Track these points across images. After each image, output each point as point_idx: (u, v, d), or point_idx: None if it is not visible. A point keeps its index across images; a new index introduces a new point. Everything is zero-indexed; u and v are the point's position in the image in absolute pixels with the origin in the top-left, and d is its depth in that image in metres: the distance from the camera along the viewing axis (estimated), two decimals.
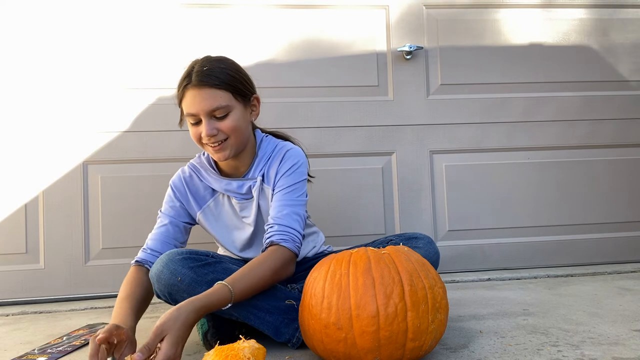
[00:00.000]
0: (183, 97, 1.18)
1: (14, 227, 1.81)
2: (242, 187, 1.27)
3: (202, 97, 1.14)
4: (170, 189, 1.33)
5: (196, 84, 1.14)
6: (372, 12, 2.04)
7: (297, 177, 1.24)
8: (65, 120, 1.86)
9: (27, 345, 1.27)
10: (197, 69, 1.16)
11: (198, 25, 1.93)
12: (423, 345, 0.90)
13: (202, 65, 1.17)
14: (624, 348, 1.02)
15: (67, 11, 1.87)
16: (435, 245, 1.30)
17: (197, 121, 1.17)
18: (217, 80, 1.15)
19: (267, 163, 1.28)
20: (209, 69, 1.15)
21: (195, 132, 1.19)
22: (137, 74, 1.90)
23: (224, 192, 1.29)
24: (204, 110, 1.15)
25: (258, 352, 0.89)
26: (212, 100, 1.14)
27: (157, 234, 1.28)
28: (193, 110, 1.15)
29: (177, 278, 1.06)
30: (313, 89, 1.99)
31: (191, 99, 1.15)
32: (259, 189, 1.27)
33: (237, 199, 1.29)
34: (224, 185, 1.28)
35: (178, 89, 1.19)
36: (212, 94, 1.14)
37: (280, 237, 1.15)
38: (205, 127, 1.15)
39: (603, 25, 2.15)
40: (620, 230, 2.11)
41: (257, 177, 1.27)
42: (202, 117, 1.16)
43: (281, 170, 1.24)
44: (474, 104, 2.07)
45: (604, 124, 2.13)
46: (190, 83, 1.15)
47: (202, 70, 1.15)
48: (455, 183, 2.05)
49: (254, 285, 1.07)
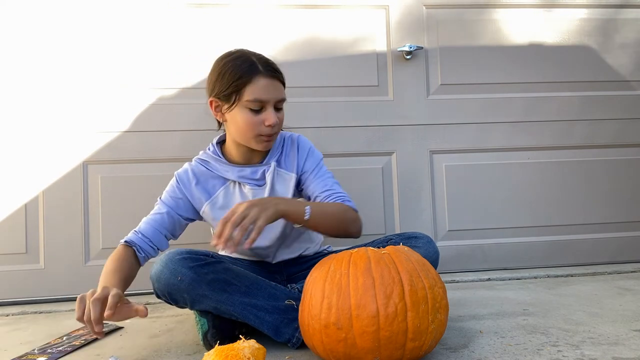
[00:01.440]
0: (249, 83, 1.18)
1: (14, 227, 1.81)
2: (255, 172, 1.29)
3: (275, 87, 1.21)
4: (175, 180, 1.32)
5: (268, 74, 1.20)
6: (372, 12, 2.04)
7: (318, 155, 1.36)
8: (65, 120, 1.86)
9: (27, 345, 1.27)
10: (262, 60, 1.21)
11: (197, 25, 1.93)
12: (423, 345, 0.90)
13: (263, 58, 1.23)
14: (624, 348, 1.02)
15: (67, 11, 1.87)
16: (435, 244, 1.30)
17: (260, 108, 1.20)
18: (282, 77, 1.25)
19: (281, 151, 1.34)
20: (273, 64, 1.23)
21: (255, 120, 1.20)
22: (137, 74, 1.90)
23: (236, 180, 1.29)
24: (275, 98, 1.21)
25: (258, 352, 0.89)
26: (281, 92, 1.23)
27: (151, 220, 1.29)
28: (265, 97, 1.19)
29: (178, 277, 1.06)
30: (313, 89, 1.99)
31: (264, 86, 1.19)
32: (273, 173, 1.29)
33: (250, 185, 1.29)
34: (237, 172, 1.29)
35: (238, 75, 1.18)
36: (280, 87, 1.23)
37: (343, 200, 1.25)
38: (272, 114, 1.20)
39: (603, 25, 2.15)
40: (620, 230, 2.11)
41: (272, 163, 1.30)
42: (269, 105, 1.20)
43: (302, 155, 1.34)
44: (474, 104, 2.07)
45: (604, 124, 2.13)
46: (261, 72, 1.19)
47: (269, 63, 1.22)
48: (455, 183, 2.05)
49: (328, 215, 1.16)
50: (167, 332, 1.35)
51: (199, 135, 1.91)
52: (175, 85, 1.92)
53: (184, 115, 1.91)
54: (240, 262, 1.33)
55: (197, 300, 1.08)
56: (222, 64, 1.23)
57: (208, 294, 1.07)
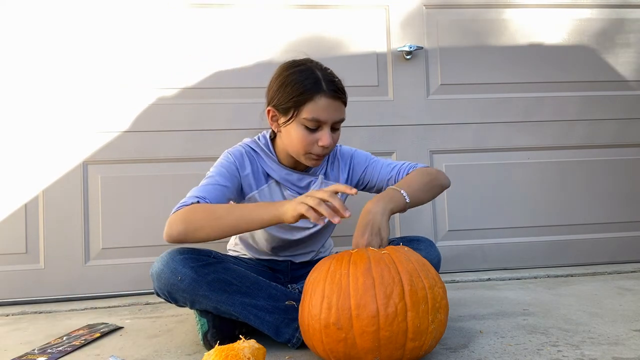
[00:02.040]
0: (310, 101, 1.14)
1: (14, 227, 1.81)
2: (302, 180, 1.29)
3: (335, 108, 1.18)
4: (232, 158, 1.25)
5: (331, 95, 1.16)
6: (372, 12, 2.04)
7: (364, 154, 1.39)
8: (65, 120, 1.86)
9: (27, 345, 1.27)
10: (326, 79, 1.17)
11: (197, 25, 1.93)
12: (423, 346, 0.90)
13: (328, 75, 1.18)
14: (624, 348, 1.02)
15: (67, 10, 1.87)
16: (437, 248, 1.29)
17: (316, 127, 1.17)
18: (344, 97, 1.21)
19: (328, 162, 1.35)
20: (338, 82, 1.19)
21: (310, 139, 1.17)
22: (137, 74, 1.90)
23: (280, 181, 1.28)
24: (334, 120, 1.18)
25: (258, 352, 0.89)
26: (341, 113, 1.20)
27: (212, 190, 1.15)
28: (324, 118, 1.16)
29: (178, 277, 1.06)
30: None
31: (325, 106, 1.15)
32: (319, 186, 1.30)
33: (290, 191, 1.29)
34: (284, 174, 1.28)
35: (301, 91, 1.14)
36: (341, 108, 1.20)
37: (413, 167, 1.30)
38: (327, 136, 1.17)
39: (603, 25, 2.15)
40: (620, 230, 2.11)
41: (319, 175, 1.31)
42: (327, 126, 1.17)
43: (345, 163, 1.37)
44: (474, 104, 2.07)
45: (604, 124, 2.13)
46: (324, 91, 1.15)
47: (335, 82, 1.18)
48: (455, 183, 2.05)
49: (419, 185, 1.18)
50: (167, 332, 1.35)
51: (199, 135, 1.91)
52: (176, 85, 1.92)
53: (184, 115, 1.91)
54: (243, 261, 1.33)
55: (197, 300, 1.08)
56: (286, 74, 1.18)
57: (208, 294, 1.07)
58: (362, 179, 1.37)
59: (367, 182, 1.37)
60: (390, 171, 1.33)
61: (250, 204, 1.08)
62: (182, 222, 1.04)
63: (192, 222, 1.04)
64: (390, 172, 1.33)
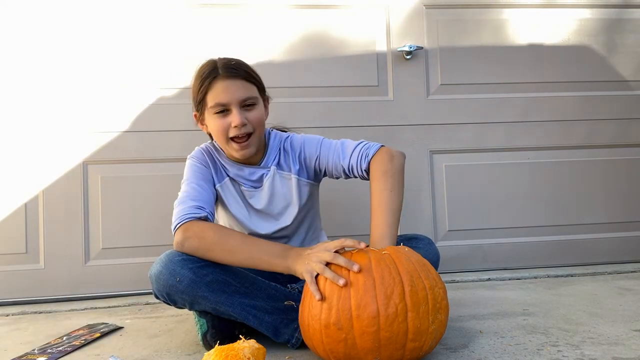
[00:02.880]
0: (209, 89, 1.18)
1: (14, 227, 1.81)
2: (253, 174, 1.30)
3: (236, 87, 1.18)
4: (194, 161, 1.28)
5: (227, 75, 1.18)
6: (372, 12, 2.03)
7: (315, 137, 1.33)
8: (65, 120, 1.85)
9: (27, 345, 1.27)
10: (222, 63, 1.20)
11: (197, 25, 1.93)
12: (423, 346, 0.90)
13: (226, 60, 1.21)
14: (624, 348, 1.02)
15: (68, 10, 1.87)
16: (435, 246, 1.29)
17: (225, 111, 1.19)
18: (245, 73, 1.20)
19: (280, 153, 1.33)
20: (236, 63, 1.21)
21: (222, 124, 1.19)
22: (137, 74, 1.90)
23: (233, 177, 1.30)
24: (237, 99, 1.18)
25: (258, 352, 0.89)
26: (245, 90, 1.19)
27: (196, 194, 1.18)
28: (225, 100, 1.17)
29: (176, 279, 1.06)
30: (313, 89, 1.99)
31: (223, 88, 1.17)
32: (273, 177, 1.30)
33: (246, 187, 1.30)
34: (236, 171, 1.30)
35: (201, 83, 1.19)
36: (243, 85, 1.19)
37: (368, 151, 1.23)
38: (236, 115, 1.17)
39: (603, 25, 2.15)
40: (620, 230, 2.11)
41: (271, 167, 1.30)
42: (233, 106, 1.18)
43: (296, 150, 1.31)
44: (474, 104, 2.07)
45: (604, 124, 2.13)
46: (219, 75, 1.18)
47: (230, 64, 1.20)
48: (455, 183, 2.05)
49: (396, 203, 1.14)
50: (167, 332, 1.35)
51: (199, 135, 1.90)
52: (176, 85, 1.92)
53: (184, 115, 1.90)
54: None
55: (196, 301, 1.08)
56: (195, 75, 1.24)
57: (207, 295, 1.07)
58: (317, 164, 1.31)
59: (324, 167, 1.31)
60: (348, 157, 1.25)
61: (262, 243, 1.08)
62: (197, 239, 1.08)
63: (205, 243, 1.08)
64: (350, 160, 1.25)
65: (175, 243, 1.10)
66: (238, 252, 1.07)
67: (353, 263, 0.92)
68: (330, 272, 0.92)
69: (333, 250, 0.96)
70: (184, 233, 1.09)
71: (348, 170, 1.27)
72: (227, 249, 1.07)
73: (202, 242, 1.08)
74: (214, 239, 1.08)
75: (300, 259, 1.00)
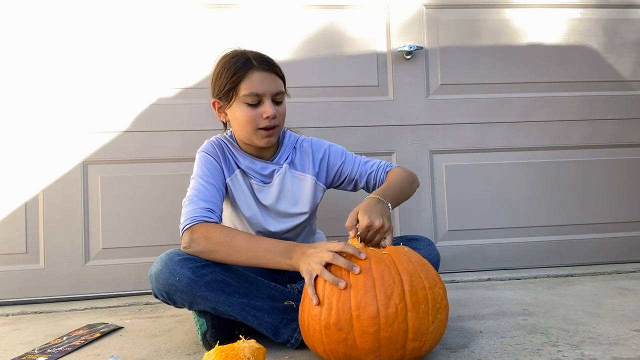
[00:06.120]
0: (244, 79, 1.20)
1: (14, 227, 1.81)
2: (265, 169, 1.31)
3: (270, 80, 1.22)
4: (205, 154, 1.28)
5: (263, 67, 1.21)
6: (372, 12, 2.04)
7: (339, 147, 1.40)
8: (65, 120, 1.85)
9: (27, 345, 1.27)
10: (256, 55, 1.24)
11: (197, 25, 1.93)
12: (423, 346, 0.90)
13: (258, 53, 1.25)
14: (624, 348, 1.02)
15: (68, 10, 1.87)
16: (436, 247, 1.29)
17: (257, 102, 1.21)
18: (277, 69, 1.25)
19: (293, 152, 1.36)
20: (268, 57, 1.25)
21: (253, 114, 1.21)
22: (137, 74, 1.90)
23: (245, 170, 1.30)
24: (272, 91, 1.22)
25: (258, 352, 0.89)
26: (277, 85, 1.24)
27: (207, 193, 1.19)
28: (261, 90, 1.20)
29: (176, 278, 1.06)
30: (313, 89, 1.99)
31: (259, 79, 1.20)
32: (284, 175, 1.31)
33: (255, 180, 1.31)
34: (248, 163, 1.30)
35: (234, 72, 1.20)
36: (276, 79, 1.24)
37: (390, 166, 1.35)
38: (269, 107, 1.21)
39: (603, 25, 2.15)
40: (620, 230, 2.11)
41: (284, 164, 1.32)
42: (267, 98, 1.21)
43: (318, 155, 1.36)
44: (474, 104, 2.07)
45: (604, 124, 2.13)
46: (255, 66, 1.20)
47: (264, 57, 1.24)
48: (455, 183, 2.05)
49: (399, 188, 1.23)
50: (167, 332, 1.35)
51: (199, 135, 1.90)
52: (176, 85, 1.92)
53: (184, 115, 1.91)
54: None
55: (195, 301, 1.08)
56: (221, 64, 1.25)
57: (206, 295, 1.07)
58: (339, 172, 1.37)
59: (345, 176, 1.37)
60: (370, 167, 1.36)
61: (267, 241, 1.08)
62: (204, 240, 1.09)
63: (210, 244, 1.09)
64: (371, 168, 1.36)
65: (183, 243, 1.11)
66: (243, 252, 1.07)
67: (353, 264, 0.92)
68: (329, 275, 0.92)
69: (334, 251, 0.96)
70: (191, 235, 1.10)
71: (371, 178, 1.35)
72: (233, 249, 1.08)
73: (208, 243, 1.08)
74: (220, 240, 1.08)
75: (304, 257, 1.00)
